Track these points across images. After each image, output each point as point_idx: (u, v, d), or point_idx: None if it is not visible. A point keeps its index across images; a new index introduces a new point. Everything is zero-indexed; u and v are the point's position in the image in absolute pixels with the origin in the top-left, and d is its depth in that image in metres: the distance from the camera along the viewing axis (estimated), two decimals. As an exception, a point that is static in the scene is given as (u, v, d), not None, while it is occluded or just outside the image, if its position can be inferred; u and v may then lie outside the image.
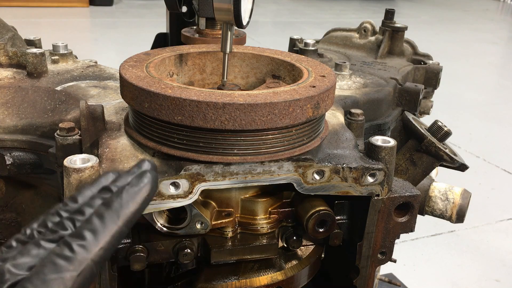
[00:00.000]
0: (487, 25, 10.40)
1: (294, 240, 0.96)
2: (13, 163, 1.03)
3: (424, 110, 1.62)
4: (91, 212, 0.48)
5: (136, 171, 0.51)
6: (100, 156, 0.83)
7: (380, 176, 0.88)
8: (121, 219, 0.47)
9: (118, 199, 0.48)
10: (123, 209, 0.48)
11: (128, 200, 0.48)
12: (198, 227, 0.87)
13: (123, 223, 0.47)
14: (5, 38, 1.31)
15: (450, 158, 1.10)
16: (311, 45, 1.61)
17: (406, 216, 0.94)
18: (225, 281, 0.92)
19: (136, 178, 0.50)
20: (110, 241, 0.46)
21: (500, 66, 7.41)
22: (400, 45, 1.67)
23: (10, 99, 1.09)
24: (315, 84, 0.85)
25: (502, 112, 5.23)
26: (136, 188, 0.49)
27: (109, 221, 0.47)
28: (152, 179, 0.51)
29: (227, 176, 0.81)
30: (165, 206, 0.79)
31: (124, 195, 0.49)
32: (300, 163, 0.84)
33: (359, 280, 0.98)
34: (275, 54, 1.05)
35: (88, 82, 1.20)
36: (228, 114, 0.75)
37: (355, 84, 1.35)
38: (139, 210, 0.49)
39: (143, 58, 0.93)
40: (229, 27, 0.90)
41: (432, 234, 3.01)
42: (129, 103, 0.84)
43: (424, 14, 11.09)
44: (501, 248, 2.93)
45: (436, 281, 2.63)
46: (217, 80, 1.06)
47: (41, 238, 0.47)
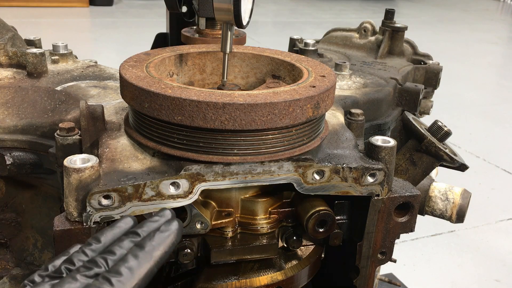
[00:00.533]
0: (487, 25, 10.40)
1: (294, 240, 0.96)
2: (13, 163, 1.03)
3: (424, 110, 1.62)
4: (124, 252, 0.53)
5: (158, 219, 0.58)
6: (100, 156, 0.83)
7: (380, 176, 0.88)
8: (153, 259, 0.53)
9: (150, 242, 0.54)
10: (155, 251, 0.54)
11: (159, 243, 0.54)
12: (198, 227, 0.87)
13: (154, 264, 0.53)
14: (5, 38, 1.31)
15: (450, 158, 1.10)
16: (311, 45, 1.61)
17: (406, 216, 0.94)
18: (225, 281, 0.92)
19: (165, 225, 0.56)
20: (143, 278, 0.51)
21: (500, 66, 7.41)
22: (400, 45, 1.67)
23: (10, 99, 1.09)
24: (315, 84, 0.85)
25: (502, 112, 5.23)
26: (166, 233, 0.55)
27: (143, 261, 0.52)
28: (179, 226, 0.57)
29: (227, 176, 0.81)
30: (165, 206, 0.79)
31: (156, 238, 0.54)
32: (300, 163, 0.84)
33: (359, 280, 0.98)
34: (275, 54, 1.05)
35: (88, 82, 1.20)
36: (228, 114, 0.75)
37: (355, 84, 1.35)
38: (167, 253, 0.55)
39: (143, 58, 0.93)
40: (229, 27, 0.90)
41: (432, 234, 3.01)
42: (129, 103, 0.84)
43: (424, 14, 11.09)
44: (501, 248, 2.93)
45: (436, 281, 2.63)
46: (217, 80, 1.06)
47: (76, 273, 0.50)
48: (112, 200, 0.75)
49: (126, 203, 0.76)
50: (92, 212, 0.75)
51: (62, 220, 0.77)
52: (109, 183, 0.76)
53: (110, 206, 0.75)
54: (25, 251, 1.20)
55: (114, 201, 0.75)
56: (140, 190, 0.76)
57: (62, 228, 0.75)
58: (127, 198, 0.76)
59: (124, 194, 0.76)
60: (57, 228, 0.75)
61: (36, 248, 1.20)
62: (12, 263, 1.17)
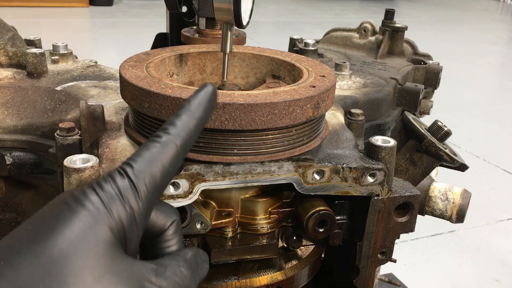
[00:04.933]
0: (487, 25, 10.40)
1: (294, 240, 0.96)
2: (13, 163, 1.03)
3: (424, 110, 1.62)
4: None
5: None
6: (100, 156, 0.83)
7: (380, 176, 0.88)
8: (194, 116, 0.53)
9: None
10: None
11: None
12: (198, 227, 0.87)
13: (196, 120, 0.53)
14: (5, 38, 1.31)
15: (450, 158, 1.10)
16: (311, 45, 1.61)
17: (406, 216, 0.94)
18: (225, 281, 0.92)
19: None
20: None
21: (500, 66, 7.41)
22: (400, 45, 1.67)
23: (10, 99, 1.09)
24: (315, 84, 0.85)
25: (502, 112, 5.23)
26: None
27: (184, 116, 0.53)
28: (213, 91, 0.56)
29: (227, 176, 0.81)
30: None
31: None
32: (300, 163, 0.84)
33: (359, 280, 0.98)
34: (275, 54, 1.05)
35: (88, 82, 1.20)
36: (228, 114, 0.75)
37: (355, 84, 1.35)
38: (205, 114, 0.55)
39: (143, 58, 0.93)
40: (229, 27, 0.90)
41: (432, 234, 3.01)
42: (129, 103, 0.84)
43: (424, 14, 11.09)
44: (501, 248, 2.93)
45: (436, 281, 2.63)
46: (217, 80, 1.06)
47: None
48: (112, 200, 0.75)
49: (126, 203, 0.76)
50: (92, 212, 0.75)
51: (62, 220, 0.77)
52: (109, 183, 0.76)
53: (110, 206, 0.75)
54: (25, 251, 1.20)
55: (114, 201, 0.75)
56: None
57: (62, 228, 0.75)
58: (127, 198, 0.76)
59: (124, 194, 0.76)
60: (57, 228, 0.75)
61: (36, 248, 1.20)
62: (12, 263, 1.17)
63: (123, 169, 0.48)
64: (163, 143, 0.50)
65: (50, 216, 0.44)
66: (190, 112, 0.52)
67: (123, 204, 0.46)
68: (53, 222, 0.43)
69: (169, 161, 0.50)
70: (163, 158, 0.49)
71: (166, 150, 0.50)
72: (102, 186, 0.46)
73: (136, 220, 0.47)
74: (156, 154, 0.49)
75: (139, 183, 0.47)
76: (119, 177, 0.47)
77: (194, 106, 0.53)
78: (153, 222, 0.53)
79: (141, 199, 0.47)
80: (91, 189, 0.46)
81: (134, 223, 0.47)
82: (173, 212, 0.56)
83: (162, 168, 0.49)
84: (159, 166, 0.49)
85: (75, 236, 0.43)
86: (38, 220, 0.44)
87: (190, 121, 0.52)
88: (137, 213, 0.47)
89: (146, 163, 0.48)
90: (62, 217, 0.43)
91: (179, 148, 0.51)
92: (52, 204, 0.46)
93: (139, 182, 0.47)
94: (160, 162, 0.49)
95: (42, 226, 0.43)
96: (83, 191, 0.46)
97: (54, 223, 0.43)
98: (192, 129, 0.52)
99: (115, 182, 0.47)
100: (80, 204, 0.44)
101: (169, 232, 0.54)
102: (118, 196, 0.46)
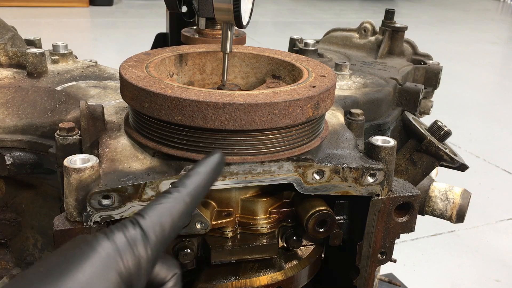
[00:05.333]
0: (487, 25, 10.40)
1: (294, 240, 0.96)
2: (13, 163, 1.03)
3: (424, 110, 1.62)
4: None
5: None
6: (100, 156, 0.83)
7: (380, 176, 0.88)
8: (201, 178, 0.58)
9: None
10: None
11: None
12: (198, 227, 0.87)
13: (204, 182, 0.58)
14: (5, 38, 1.31)
15: (450, 158, 1.10)
16: (311, 45, 1.61)
17: (406, 216, 0.94)
18: (225, 281, 0.92)
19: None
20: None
21: (500, 66, 7.41)
22: (400, 45, 1.67)
23: (10, 99, 1.09)
24: (315, 84, 0.85)
25: (502, 112, 5.23)
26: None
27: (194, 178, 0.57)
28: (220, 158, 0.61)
29: (227, 176, 0.81)
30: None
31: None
32: (300, 163, 0.84)
33: (359, 280, 0.98)
34: (275, 54, 1.05)
35: (88, 82, 1.20)
36: (228, 114, 0.75)
37: (355, 84, 1.35)
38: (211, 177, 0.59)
39: (143, 58, 0.93)
40: (229, 27, 0.90)
41: (432, 234, 3.01)
42: (129, 103, 0.84)
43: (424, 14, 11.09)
44: (501, 248, 2.93)
45: (436, 281, 2.63)
46: (217, 80, 1.06)
47: None
48: (112, 200, 0.75)
49: (126, 203, 0.76)
50: (92, 212, 0.75)
51: (62, 220, 0.77)
52: (109, 183, 0.76)
53: (110, 206, 0.75)
54: (25, 251, 1.20)
55: (114, 201, 0.75)
56: (140, 190, 0.76)
57: (62, 228, 0.75)
58: (127, 198, 0.76)
59: (124, 194, 0.76)
60: (57, 228, 0.75)
61: (36, 248, 1.20)
62: (12, 263, 1.17)
63: (135, 218, 0.51)
64: (174, 198, 0.54)
65: (63, 259, 0.45)
66: (200, 174, 0.57)
67: (133, 251, 0.49)
68: (65, 265, 0.45)
69: (179, 215, 0.53)
70: (173, 211, 0.53)
71: (176, 205, 0.53)
72: (114, 233, 0.49)
73: (143, 268, 0.49)
74: (167, 208, 0.53)
75: (149, 232, 0.50)
76: (131, 226, 0.50)
77: (203, 169, 0.58)
78: (155, 273, 0.56)
79: (150, 248, 0.50)
80: (104, 235, 0.48)
81: (141, 270, 0.49)
82: (175, 266, 0.59)
83: (172, 220, 0.52)
84: (169, 219, 0.52)
85: (86, 279, 0.44)
86: (50, 262, 0.45)
87: (199, 181, 0.56)
88: (145, 261, 0.49)
89: (157, 215, 0.52)
90: (74, 261, 0.45)
91: (189, 204, 0.54)
92: (64, 248, 0.47)
93: (149, 231, 0.50)
94: (170, 215, 0.52)
95: (55, 268, 0.44)
96: (96, 237, 0.48)
97: (66, 266, 0.44)
98: (201, 189, 0.56)
99: (127, 230, 0.49)
100: (93, 249, 0.46)
101: (169, 284, 0.57)
102: (128, 243, 0.49)
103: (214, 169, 0.59)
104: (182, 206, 0.54)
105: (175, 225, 0.53)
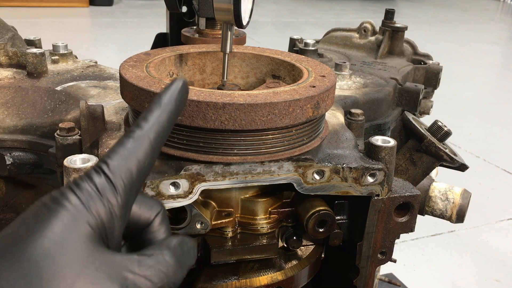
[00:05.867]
0: (487, 25, 10.40)
1: (294, 240, 0.96)
2: (13, 163, 1.03)
3: (424, 110, 1.62)
4: None
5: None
6: (100, 156, 0.83)
7: (380, 176, 0.88)
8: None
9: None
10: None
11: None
12: (198, 227, 0.87)
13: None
14: (5, 38, 1.31)
15: (450, 158, 1.10)
16: (311, 45, 1.61)
17: (406, 216, 0.94)
18: (225, 281, 0.92)
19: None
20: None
21: (500, 66, 7.41)
22: (400, 45, 1.67)
23: (10, 99, 1.09)
24: (315, 84, 0.85)
25: (502, 112, 5.23)
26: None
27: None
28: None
29: (227, 176, 0.81)
30: (165, 206, 0.79)
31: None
32: (300, 163, 0.84)
33: (359, 280, 0.98)
34: (275, 54, 1.05)
35: (88, 82, 1.20)
36: (228, 114, 0.75)
37: (355, 84, 1.35)
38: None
39: (143, 58, 0.93)
40: (229, 27, 0.90)
41: (432, 234, 3.01)
42: (129, 103, 0.84)
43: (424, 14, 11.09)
44: (501, 248, 2.93)
45: (436, 281, 2.63)
46: (217, 80, 1.06)
47: None
48: (112, 200, 0.75)
49: (126, 203, 0.76)
50: (92, 212, 0.75)
51: (62, 220, 0.77)
52: (109, 183, 0.76)
53: (110, 206, 0.75)
54: (25, 251, 1.20)
55: (114, 201, 0.75)
56: (140, 190, 0.76)
57: (62, 228, 0.75)
58: (127, 198, 0.76)
59: (124, 194, 0.75)
60: (57, 228, 0.75)
61: (36, 248, 1.20)
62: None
63: (99, 166, 0.49)
64: (137, 138, 0.51)
65: (30, 218, 0.45)
66: (162, 106, 0.54)
67: (101, 200, 0.47)
68: (33, 224, 0.44)
69: (144, 155, 0.51)
70: (138, 152, 0.51)
71: (140, 145, 0.51)
72: (79, 185, 0.48)
73: (116, 215, 0.49)
74: (131, 149, 0.51)
75: (116, 179, 0.49)
76: (96, 175, 0.48)
77: (165, 100, 0.54)
78: (137, 216, 0.55)
79: (119, 194, 0.49)
80: (69, 189, 0.47)
81: (114, 218, 0.48)
82: (157, 204, 0.57)
83: (138, 162, 0.51)
84: (135, 161, 0.50)
85: (55, 234, 0.44)
86: (18, 223, 0.45)
87: (162, 115, 0.53)
88: (116, 208, 0.48)
89: (121, 159, 0.50)
90: (41, 218, 0.44)
91: (153, 141, 0.52)
92: (32, 207, 0.47)
93: (115, 178, 0.49)
94: (135, 156, 0.51)
95: (23, 228, 0.44)
96: (62, 192, 0.47)
97: (34, 225, 0.44)
98: (164, 122, 0.53)
99: (92, 180, 0.48)
100: (59, 204, 0.46)
101: (155, 223, 0.56)
102: (96, 193, 0.47)
103: (177, 98, 0.55)
104: (147, 145, 0.51)
105: (142, 166, 0.51)
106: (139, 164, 0.51)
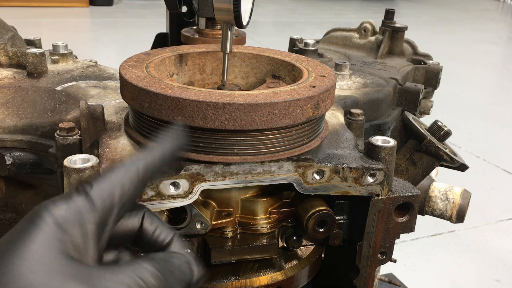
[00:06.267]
0: (487, 25, 10.40)
1: (294, 240, 0.96)
2: (13, 163, 1.03)
3: (424, 110, 1.62)
4: None
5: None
6: (100, 156, 0.83)
7: (380, 176, 0.88)
8: None
9: None
10: None
11: None
12: (198, 227, 0.87)
13: None
14: (5, 38, 1.31)
15: (450, 158, 1.10)
16: (311, 45, 1.61)
17: (406, 216, 0.94)
18: (225, 281, 0.92)
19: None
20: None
21: (500, 66, 7.41)
22: (400, 45, 1.67)
23: (10, 99, 1.09)
24: (315, 84, 0.85)
25: (502, 112, 5.23)
26: None
27: None
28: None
29: (227, 176, 0.81)
30: (165, 206, 0.79)
31: None
32: (300, 163, 0.84)
33: (359, 280, 0.98)
34: (275, 54, 1.05)
35: (88, 82, 1.20)
36: (228, 114, 0.75)
37: (355, 84, 1.35)
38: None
39: (143, 58, 0.93)
40: (229, 27, 0.90)
41: (432, 234, 3.01)
42: (129, 103, 0.84)
43: (424, 14, 11.09)
44: (501, 248, 2.93)
45: (436, 281, 2.63)
46: (217, 80, 1.06)
47: None
48: (112, 200, 0.75)
49: (126, 203, 0.76)
50: (92, 212, 0.75)
51: (62, 220, 0.77)
52: (109, 183, 0.76)
53: (110, 206, 0.75)
54: (25, 251, 1.19)
55: (114, 201, 0.75)
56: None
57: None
58: (127, 198, 0.76)
59: (124, 194, 0.75)
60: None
61: (36, 248, 1.20)
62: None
63: (82, 186, 0.52)
64: (126, 165, 0.55)
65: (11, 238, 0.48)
66: (158, 146, 0.58)
67: (78, 222, 0.50)
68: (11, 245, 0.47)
69: (129, 181, 0.54)
70: (124, 178, 0.54)
71: (128, 172, 0.54)
72: (57, 205, 0.50)
73: (90, 237, 0.51)
74: (118, 174, 0.54)
75: (96, 200, 0.52)
76: (76, 195, 0.51)
77: (163, 141, 0.58)
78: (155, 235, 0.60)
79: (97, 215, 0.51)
80: (45, 210, 0.50)
81: (89, 240, 0.51)
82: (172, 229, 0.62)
83: (121, 187, 0.53)
84: (119, 185, 0.53)
85: (29, 260, 0.46)
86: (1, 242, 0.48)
87: (156, 153, 0.57)
88: (92, 229, 0.51)
89: (105, 182, 0.53)
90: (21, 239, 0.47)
91: (141, 172, 0.55)
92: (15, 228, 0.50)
93: (96, 199, 0.52)
94: (120, 182, 0.53)
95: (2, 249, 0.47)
96: (38, 212, 0.50)
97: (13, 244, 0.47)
98: (157, 160, 0.57)
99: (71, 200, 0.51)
100: (35, 225, 0.48)
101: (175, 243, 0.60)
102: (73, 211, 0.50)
103: (174, 142, 0.59)
104: (133, 173, 0.54)
105: (126, 193, 0.53)
106: (123, 188, 0.53)
